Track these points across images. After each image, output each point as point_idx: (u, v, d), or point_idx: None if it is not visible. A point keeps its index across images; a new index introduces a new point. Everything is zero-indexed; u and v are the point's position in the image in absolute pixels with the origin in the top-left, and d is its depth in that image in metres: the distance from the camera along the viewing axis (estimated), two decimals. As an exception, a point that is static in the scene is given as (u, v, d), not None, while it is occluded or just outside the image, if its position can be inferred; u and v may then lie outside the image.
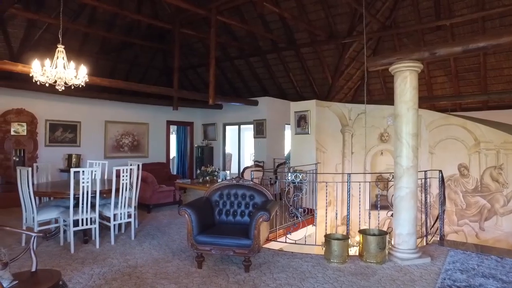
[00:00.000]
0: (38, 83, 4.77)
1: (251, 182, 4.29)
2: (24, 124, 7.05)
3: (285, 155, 10.77)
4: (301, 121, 6.60)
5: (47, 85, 4.83)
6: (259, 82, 11.76)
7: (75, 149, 8.20)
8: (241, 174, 6.63)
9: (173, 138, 11.93)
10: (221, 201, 4.22)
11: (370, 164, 7.20)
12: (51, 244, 4.34)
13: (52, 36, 7.91)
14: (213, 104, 10.60)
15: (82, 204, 4.06)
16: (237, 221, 4.12)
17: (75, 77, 4.88)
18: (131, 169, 4.48)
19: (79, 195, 4.02)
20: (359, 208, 5.39)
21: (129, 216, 4.59)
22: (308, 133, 6.55)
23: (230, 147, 11.36)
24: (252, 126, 10.39)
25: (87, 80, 5.04)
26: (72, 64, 4.76)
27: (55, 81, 4.78)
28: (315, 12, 8.99)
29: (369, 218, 5.03)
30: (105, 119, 8.84)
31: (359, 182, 5.28)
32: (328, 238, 3.98)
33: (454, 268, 3.63)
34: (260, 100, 9.93)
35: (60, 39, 4.96)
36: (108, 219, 4.51)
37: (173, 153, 11.93)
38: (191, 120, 11.17)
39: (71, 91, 7.56)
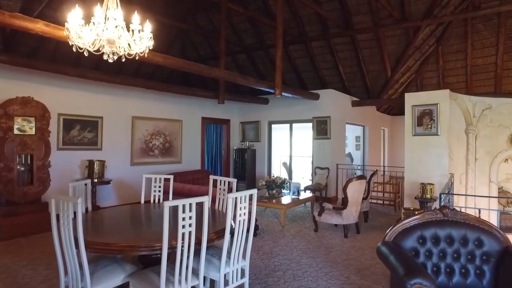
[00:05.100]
0: (74, 49, 2.84)
1: (473, 216, 2.48)
2: (32, 119, 5.00)
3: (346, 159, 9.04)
4: (424, 118, 4.83)
5: (86, 53, 2.89)
6: (297, 74, 9.93)
7: (96, 154, 6.17)
8: (343, 191, 4.79)
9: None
10: (422, 250, 2.41)
11: (497, 174, 5.51)
12: (112, 331, 2.40)
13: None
14: (257, 98, 8.82)
15: (181, 264, 2.15)
16: (457, 285, 2.31)
17: (134, 41, 2.96)
18: (251, 194, 2.59)
19: (175, 246, 2.12)
20: None
21: (243, 274, 2.69)
22: (437, 134, 4.79)
23: (276, 150, 9.47)
24: (303, 124, 8.64)
25: (151, 47, 3.11)
26: (136, 17, 2.83)
27: (99, 49, 2.87)
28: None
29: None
30: (132, 114, 6.83)
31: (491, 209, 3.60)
32: None
33: None
34: (322, 93, 8.12)
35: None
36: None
37: (201, 156, 9.95)
38: (227, 117, 9.24)
39: (93, 75, 5.63)
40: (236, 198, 2.43)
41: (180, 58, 4.98)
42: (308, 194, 7.05)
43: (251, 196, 2.63)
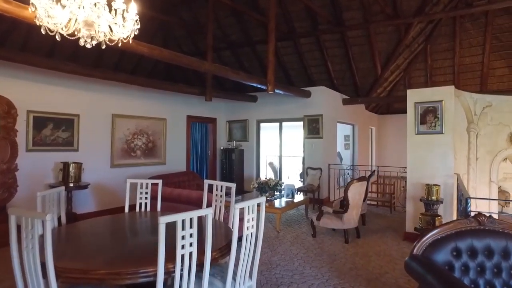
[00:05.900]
0: (43, 31, 2.35)
1: (512, 226, 2.19)
2: (-4, 116, 4.41)
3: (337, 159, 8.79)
4: (428, 115, 4.58)
5: (58, 38, 2.40)
6: (285, 71, 9.63)
7: (72, 155, 5.59)
8: (344, 193, 4.48)
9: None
10: (457, 264, 2.09)
11: (497, 173, 5.37)
12: None
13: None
14: (245, 96, 8.43)
15: (179, 292, 1.74)
16: (500, 307, 2.02)
17: (116, 24, 2.50)
18: (259, 203, 2.20)
19: (173, 270, 1.71)
20: None
21: (249, 296, 2.29)
22: (441, 133, 4.55)
23: (264, 149, 9.10)
24: (293, 123, 8.33)
25: (137, 32, 2.65)
26: (119, -6, 2.37)
27: (74, 33, 2.40)
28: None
29: None
30: (112, 112, 6.27)
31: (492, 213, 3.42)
32: None
33: None
34: (313, 91, 7.82)
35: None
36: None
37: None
38: (213, 115, 8.79)
39: (68, 68, 5.05)
40: (243, 208, 2.03)
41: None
42: (300, 195, 6.74)
43: (259, 205, 2.24)
